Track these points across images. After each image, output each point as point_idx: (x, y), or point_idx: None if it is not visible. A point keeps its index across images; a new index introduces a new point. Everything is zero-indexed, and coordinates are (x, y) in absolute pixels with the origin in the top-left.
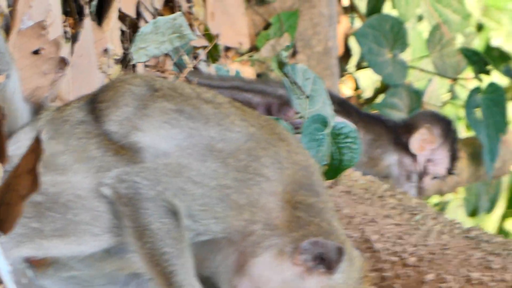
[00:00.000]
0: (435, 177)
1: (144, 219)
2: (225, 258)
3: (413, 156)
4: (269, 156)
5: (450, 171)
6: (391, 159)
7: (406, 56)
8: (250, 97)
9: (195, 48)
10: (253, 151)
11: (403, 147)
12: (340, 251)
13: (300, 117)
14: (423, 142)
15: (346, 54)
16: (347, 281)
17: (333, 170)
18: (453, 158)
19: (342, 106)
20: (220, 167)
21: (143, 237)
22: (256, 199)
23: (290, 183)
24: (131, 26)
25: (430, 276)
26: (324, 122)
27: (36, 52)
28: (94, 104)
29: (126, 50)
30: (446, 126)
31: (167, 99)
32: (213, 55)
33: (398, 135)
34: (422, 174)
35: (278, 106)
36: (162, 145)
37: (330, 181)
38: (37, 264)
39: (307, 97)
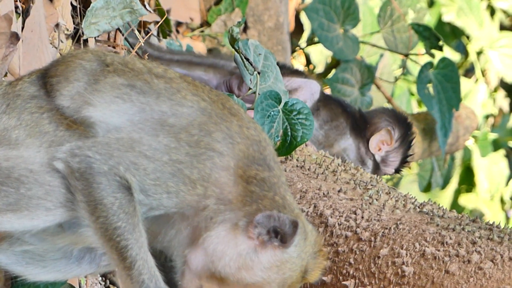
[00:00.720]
0: (384, 174)
1: (96, 193)
2: (179, 232)
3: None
4: (221, 131)
5: (398, 171)
6: (346, 143)
7: (357, 31)
8: (201, 73)
9: (146, 23)
10: (205, 126)
11: (360, 134)
12: (294, 225)
13: (253, 93)
14: (381, 142)
15: (298, 30)
16: (301, 255)
17: (286, 146)
18: (404, 161)
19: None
20: (172, 142)
21: (96, 211)
22: (208, 174)
23: (243, 158)
24: (82, 1)
25: (384, 251)
26: (276, 98)
27: None
28: (45, 79)
29: (77, 25)
30: (406, 130)
31: (118, 74)
32: (164, 30)
33: (356, 122)
34: (374, 170)
35: (231, 81)
36: (113, 120)
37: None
38: None
39: (259, 72)
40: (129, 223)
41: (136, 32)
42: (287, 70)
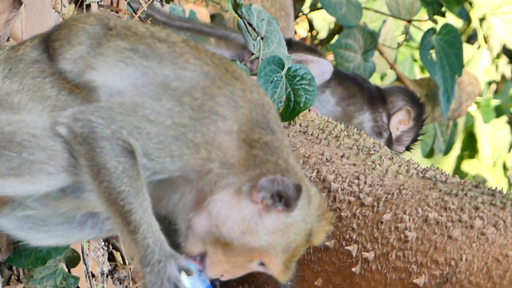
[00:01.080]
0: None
1: (100, 157)
2: (183, 196)
3: (384, 116)
4: (224, 95)
5: (408, 149)
6: (363, 117)
7: None
8: (213, 47)
9: None
10: (208, 89)
11: (377, 108)
12: (298, 188)
13: (256, 58)
14: (399, 122)
15: None
16: (305, 218)
17: (289, 112)
18: (415, 140)
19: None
20: (175, 106)
21: (99, 176)
22: (212, 138)
23: (246, 121)
24: None
25: (387, 216)
26: (280, 64)
27: None
28: (48, 43)
29: None
30: (420, 111)
31: (121, 37)
32: None
33: (373, 97)
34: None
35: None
36: (116, 83)
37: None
38: None
39: (262, 38)
40: (133, 187)
41: None
42: (301, 47)
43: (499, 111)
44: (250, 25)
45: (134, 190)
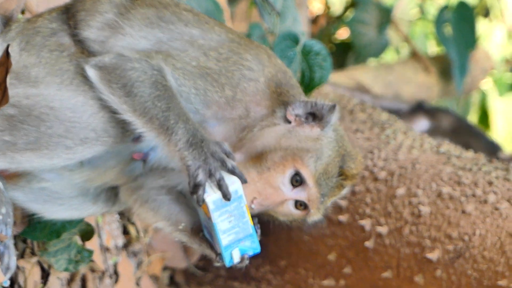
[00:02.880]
0: None
1: (132, 74)
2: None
3: None
4: (250, 54)
5: None
6: None
7: None
8: None
9: None
10: (235, 49)
11: None
12: (332, 106)
13: (272, 34)
14: None
15: None
16: (337, 139)
17: (304, 87)
18: None
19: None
20: (201, 56)
21: (132, 91)
22: (236, 82)
23: (271, 78)
24: None
25: (401, 191)
26: (295, 39)
27: None
28: (70, 14)
29: None
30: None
31: (147, 6)
32: None
33: None
34: None
35: None
36: (142, 43)
37: None
38: (8, 177)
39: (278, 13)
40: (167, 92)
41: None
42: None
43: None
44: (266, 0)
45: (168, 94)
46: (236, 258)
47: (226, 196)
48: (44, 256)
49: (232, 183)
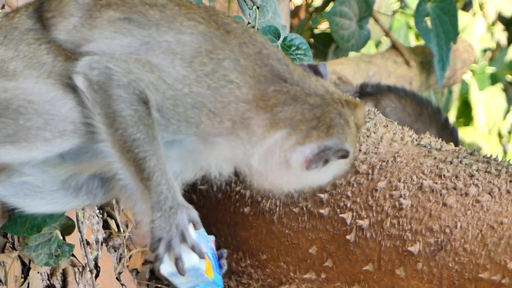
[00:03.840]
0: None
1: (116, 105)
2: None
3: None
4: (228, 58)
5: None
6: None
7: None
8: None
9: None
10: (212, 54)
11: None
12: (344, 154)
13: (251, 27)
14: None
15: None
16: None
17: None
18: None
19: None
20: (190, 73)
21: (115, 123)
22: (235, 109)
23: (255, 83)
24: None
25: (381, 184)
26: (276, 33)
27: None
28: (41, 13)
29: None
30: None
31: (112, 7)
32: None
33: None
34: None
35: None
36: (119, 52)
37: None
38: None
39: (258, 7)
40: (148, 135)
41: None
42: None
43: (494, 79)
44: None
45: (149, 138)
46: None
47: (181, 273)
48: (25, 251)
49: (190, 260)
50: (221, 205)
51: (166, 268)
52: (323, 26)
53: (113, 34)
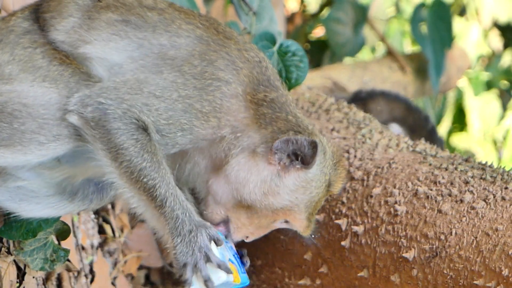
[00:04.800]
0: None
1: (116, 139)
2: (196, 165)
3: None
4: (222, 58)
5: None
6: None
7: None
8: None
9: None
10: (205, 55)
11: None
12: (313, 145)
13: (248, 34)
14: None
15: None
16: (323, 170)
17: None
18: None
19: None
20: (177, 77)
21: (118, 157)
22: (219, 104)
23: (248, 83)
24: None
25: (377, 190)
26: (272, 40)
27: None
28: (38, 14)
29: None
30: None
31: (111, 9)
32: None
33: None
34: None
35: None
36: (113, 57)
37: None
38: None
39: (254, 13)
40: (154, 162)
41: None
42: None
43: (489, 85)
44: (243, 0)
45: (155, 165)
46: None
47: None
48: (20, 256)
49: (218, 278)
50: None
51: None
52: (318, 31)
53: (110, 36)
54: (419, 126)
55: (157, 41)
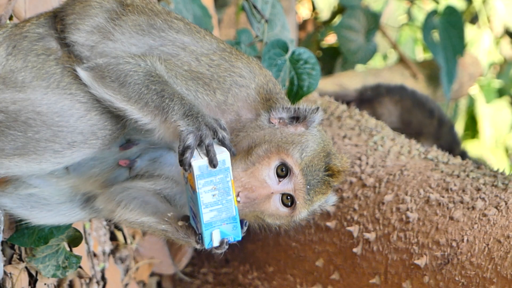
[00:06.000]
0: None
1: (125, 66)
2: None
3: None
4: (242, 63)
5: None
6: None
7: None
8: None
9: None
10: (227, 57)
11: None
12: (315, 109)
13: (260, 41)
14: None
15: None
16: (322, 137)
17: (292, 96)
18: None
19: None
20: (192, 61)
21: (127, 80)
22: (228, 87)
23: (262, 86)
24: None
25: (388, 197)
26: (284, 47)
27: None
28: (59, 18)
29: None
30: None
31: (138, 13)
32: None
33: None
34: None
35: None
36: (132, 49)
37: None
38: None
39: (266, 20)
40: (161, 78)
41: None
42: None
43: (501, 92)
44: (255, 7)
45: (161, 79)
46: (216, 241)
47: (212, 162)
48: (32, 262)
49: (221, 152)
50: None
51: (197, 161)
52: (330, 38)
53: (133, 34)
54: (425, 123)
55: (180, 38)
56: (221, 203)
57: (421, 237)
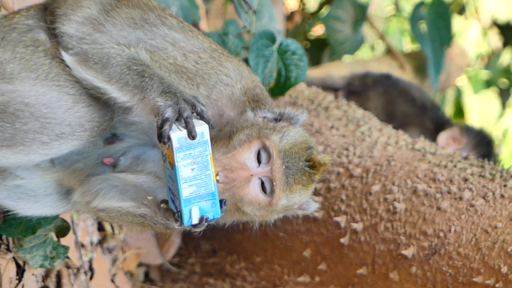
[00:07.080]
0: None
1: (109, 50)
2: None
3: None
4: (231, 64)
5: None
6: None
7: None
8: None
9: None
10: (217, 57)
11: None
12: (301, 112)
13: (247, 32)
14: (451, 139)
15: None
16: (304, 134)
17: (280, 87)
18: None
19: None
20: (179, 56)
21: (109, 62)
22: (212, 85)
23: (248, 89)
24: None
25: (376, 188)
26: (271, 38)
27: None
28: (50, 10)
29: None
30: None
31: (133, 7)
32: None
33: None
34: None
35: None
36: (121, 40)
37: None
38: None
39: (254, 11)
40: (143, 62)
41: None
42: None
43: (488, 83)
44: None
45: (143, 63)
46: (195, 219)
47: (191, 133)
48: (19, 253)
49: (200, 125)
50: None
51: (176, 133)
52: (317, 29)
53: (124, 26)
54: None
55: (171, 34)
56: (200, 177)
57: (408, 228)
